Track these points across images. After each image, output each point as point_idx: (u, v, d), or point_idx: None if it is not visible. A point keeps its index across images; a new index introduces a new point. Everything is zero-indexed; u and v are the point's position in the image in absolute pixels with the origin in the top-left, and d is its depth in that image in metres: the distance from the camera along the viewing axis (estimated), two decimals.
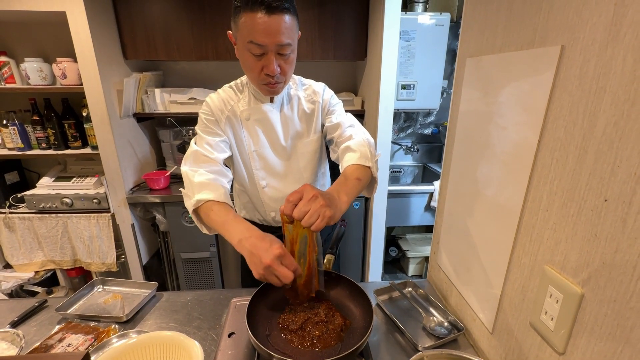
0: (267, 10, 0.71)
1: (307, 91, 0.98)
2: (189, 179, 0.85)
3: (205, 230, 0.85)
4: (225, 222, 0.75)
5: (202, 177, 0.83)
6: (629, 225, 0.38)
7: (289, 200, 0.64)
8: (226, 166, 0.95)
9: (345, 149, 0.88)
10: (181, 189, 0.88)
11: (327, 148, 1.06)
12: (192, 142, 0.92)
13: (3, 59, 1.65)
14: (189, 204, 0.83)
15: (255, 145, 0.95)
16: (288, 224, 0.67)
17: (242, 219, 0.76)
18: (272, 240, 0.66)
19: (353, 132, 0.92)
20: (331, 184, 1.13)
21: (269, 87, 0.84)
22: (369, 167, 0.84)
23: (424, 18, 1.85)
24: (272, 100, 0.93)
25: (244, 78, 0.95)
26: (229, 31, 0.83)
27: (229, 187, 0.89)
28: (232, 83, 0.96)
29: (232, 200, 1.12)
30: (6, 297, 1.75)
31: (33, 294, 1.90)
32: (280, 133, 0.95)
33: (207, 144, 0.89)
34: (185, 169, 0.86)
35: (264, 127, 0.94)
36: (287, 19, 0.74)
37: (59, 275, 2.03)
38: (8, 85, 1.69)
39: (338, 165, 0.93)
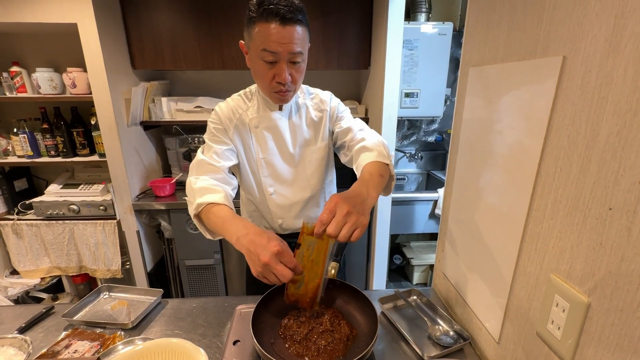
0: (282, 21, 0.74)
1: (314, 100, 1.00)
2: (190, 186, 0.86)
3: (208, 236, 0.85)
4: (225, 222, 0.74)
5: (203, 183, 0.84)
6: (634, 234, 0.38)
7: (322, 222, 0.61)
8: (232, 174, 0.95)
9: (361, 149, 0.89)
10: (185, 197, 0.89)
11: (335, 155, 1.07)
12: (199, 151, 0.93)
13: (15, 69, 1.70)
14: (191, 210, 0.83)
15: (264, 152, 0.96)
16: (308, 235, 0.67)
17: (241, 217, 0.75)
18: (270, 237, 0.65)
19: (365, 134, 0.94)
20: (337, 191, 1.14)
21: (280, 95, 0.86)
22: (387, 165, 0.84)
23: (427, 27, 1.87)
24: (281, 109, 0.95)
25: (253, 87, 0.97)
26: (241, 41, 0.86)
27: (232, 193, 0.90)
28: (242, 92, 0.98)
29: (239, 208, 1.12)
30: (12, 303, 1.76)
31: (38, 300, 1.92)
32: (288, 141, 0.97)
33: (215, 152, 0.91)
34: (189, 178, 0.88)
35: (273, 134, 0.95)
36: (300, 29, 0.78)
37: (65, 281, 2.04)
38: (19, 95, 1.73)
39: (346, 173, 0.93)
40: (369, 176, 0.77)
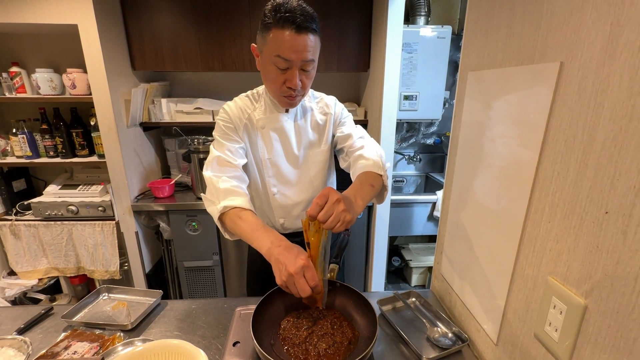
0: (297, 30, 0.77)
1: (319, 103, 1.02)
2: (213, 185, 0.86)
3: (227, 236, 0.87)
4: (255, 230, 0.77)
5: (226, 184, 0.85)
6: (629, 238, 0.39)
7: (317, 203, 0.68)
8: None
9: (358, 157, 0.92)
10: (202, 194, 0.90)
11: (336, 158, 1.09)
12: (212, 147, 0.94)
13: (15, 69, 1.70)
14: (214, 210, 0.84)
15: (269, 153, 0.98)
16: (309, 230, 0.70)
17: (271, 228, 0.78)
18: (299, 252, 0.69)
19: (364, 142, 0.97)
20: None
21: (289, 99, 0.88)
22: (380, 175, 0.87)
23: (426, 31, 1.89)
24: (287, 111, 0.97)
25: (260, 88, 0.99)
26: (253, 44, 0.88)
27: (247, 192, 0.92)
28: (249, 92, 1.00)
29: None
30: (9, 304, 1.76)
31: (36, 301, 1.91)
32: (293, 142, 0.99)
33: (228, 150, 0.92)
34: (208, 174, 0.88)
35: (279, 136, 0.97)
36: (313, 38, 0.80)
37: (62, 282, 2.03)
38: (19, 95, 1.73)
39: (346, 175, 0.95)
40: (359, 184, 0.83)
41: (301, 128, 0.99)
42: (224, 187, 0.84)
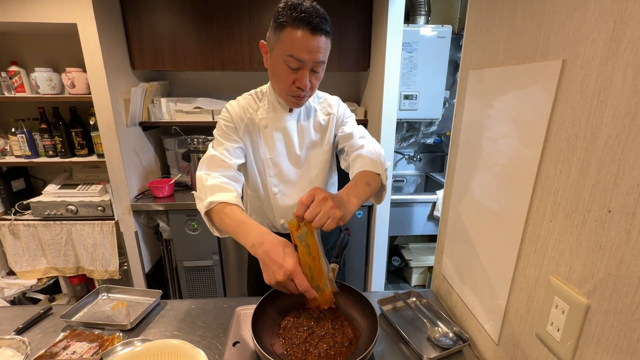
0: (312, 31, 0.77)
1: (322, 104, 1.02)
2: (201, 182, 0.85)
3: (216, 233, 0.86)
4: (239, 225, 0.75)
5: (214, 180, 0.84)
6: (633, 237, 0.39)
7: (302, 202, 0.66)
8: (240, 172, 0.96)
9: (356, 157, 0.92)
10: (193, 192, 0.89)
11: (337, 158, 1.09)
12: (210, 146, 0.94)
13: (14, 68, 1.70)
14: (201, 207, 0.83)
15: (271, 153, 0.97)
16: (296, 232, 0.68)
17: (256, 222, 0.76)
18: (286, 254, 0.66)
19: (364, 142, 0.96)
20: None
21: (296, 99, 0.88)
22: (378, 175, 0.87)
23: (426, 30, 1.88)
24: (291, 111, 0.96)
25: (264, 87, 0.99)
26: (262, 41, 0.87)
27: (240, 191, 0.90)
28: (252, 91, 1.00)
29: (244, 205, 1.12)
30: (8, 304, 1.75)
31: (35, 301, 1.90)
32: (296, 142, 0.98)
33: (225, 149, 0.92)
34: (199, 173, 0.88)
35: (282, 135, 0.97)
36: (325, 40, 0.80)
37: (62, 282, 2.03)
38: (18, 94, 1.72)
39: (347, 176, 0.95)
40: (353, 184, 0.81)
41: (304, 128, 0.99)
42: (211, 184, 0.83)
